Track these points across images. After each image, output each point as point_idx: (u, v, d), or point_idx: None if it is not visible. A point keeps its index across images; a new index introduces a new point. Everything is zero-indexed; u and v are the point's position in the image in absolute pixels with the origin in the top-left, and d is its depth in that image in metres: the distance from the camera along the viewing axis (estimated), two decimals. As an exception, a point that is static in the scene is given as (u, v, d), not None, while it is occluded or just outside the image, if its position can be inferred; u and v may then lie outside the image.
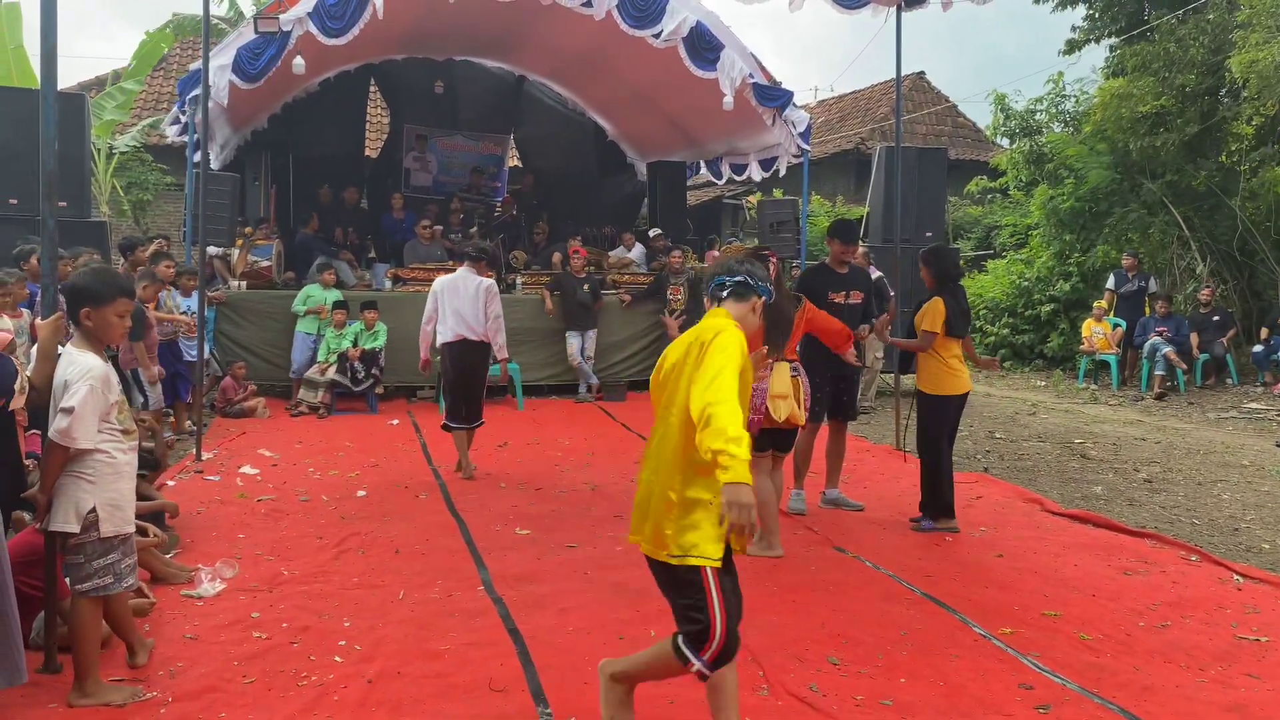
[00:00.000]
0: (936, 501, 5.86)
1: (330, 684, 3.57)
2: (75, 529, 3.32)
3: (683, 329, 11.12)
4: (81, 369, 3.29)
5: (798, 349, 5.52)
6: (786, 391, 5.21)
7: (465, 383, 7.27)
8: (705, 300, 3.26)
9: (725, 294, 3.20)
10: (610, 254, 13.32)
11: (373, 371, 10.03)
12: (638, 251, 13.40)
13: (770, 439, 5.32)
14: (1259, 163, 12.99)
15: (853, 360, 5.94)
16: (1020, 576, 4.97)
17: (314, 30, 9.26)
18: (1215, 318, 12.58)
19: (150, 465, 5.76)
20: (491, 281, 7.37)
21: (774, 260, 5.24)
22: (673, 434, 2.98)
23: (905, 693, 3.59)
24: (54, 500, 3.33)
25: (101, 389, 3.30)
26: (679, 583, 2.97)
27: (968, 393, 5.94)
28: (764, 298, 3.23)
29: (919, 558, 5.30)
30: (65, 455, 3.28)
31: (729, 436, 2.67)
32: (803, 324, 5.46)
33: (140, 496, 5.06)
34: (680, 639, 2.97)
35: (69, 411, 3.22)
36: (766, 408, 5.18)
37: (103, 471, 3.35)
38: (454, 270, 11.29)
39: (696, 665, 2.94)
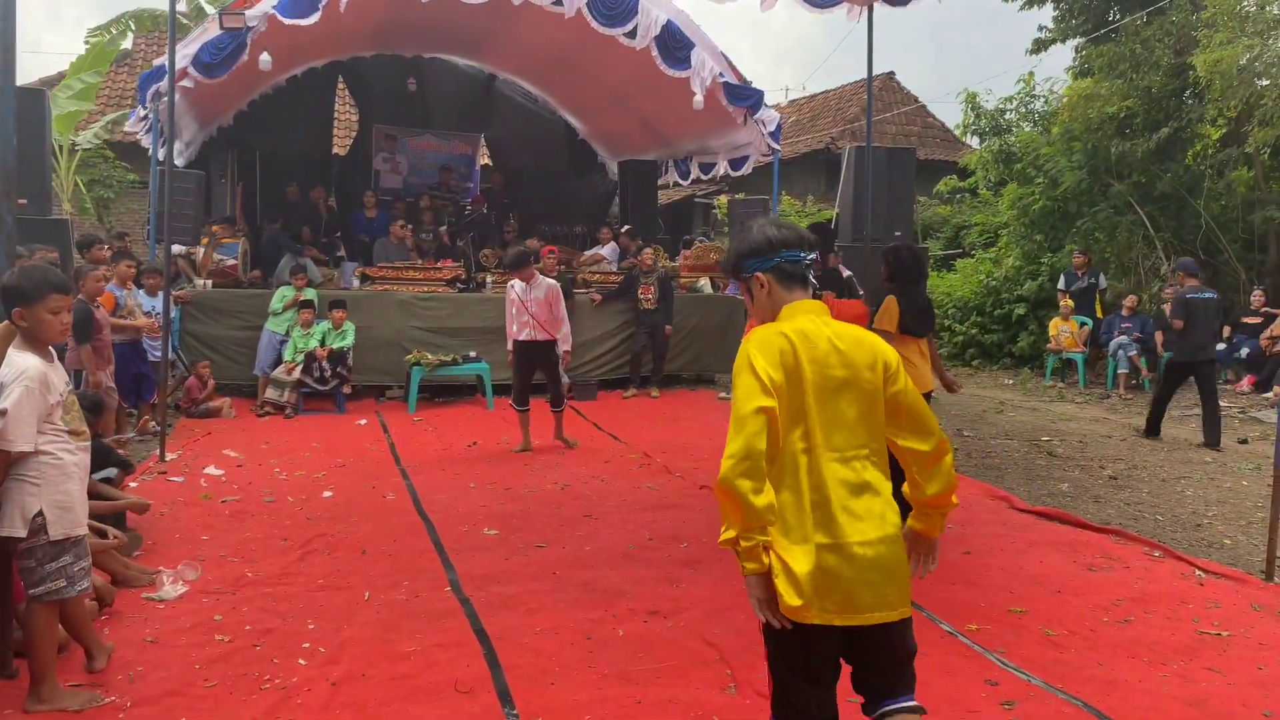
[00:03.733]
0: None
1: (293, 687, 3.53)
2: (22, 533, 3.24)
3: (652, 321, 11.19)
4: (16, 370, 3.20)
5: None
6: None
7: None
8: (791, 281, 2.50)
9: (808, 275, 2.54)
10: (584, 253, 13.30)
11: (339, 371, 9.93)
12: (610, 249, 13.37)
13: None
14: (1224, 164, 13.18)
15: None
16: (987, 573, 5.00)
17: (276, 12, 9.11)
18: (1179, 316, 12.74)
19: (122, 464, 5.66)
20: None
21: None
22: (884, 455, 2.48)
23: (872, 690, 3.59)
24: (1, 504, 3.26)
25: (38, 390, 3.22)
26: (909, 638, 2.46)
27: (929, 392, 5.95)
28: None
29: (887, 555, 5.31)
30: (6, 459, 3.20)
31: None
32: None
33: (101, 497, 4.99)
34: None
35: (1, 414, 3.15)
36: None
37: (48, 474, 3.28)
38: (423, 269, 11.35)
39: None
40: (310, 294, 10.34)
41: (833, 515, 2.32)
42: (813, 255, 2.53)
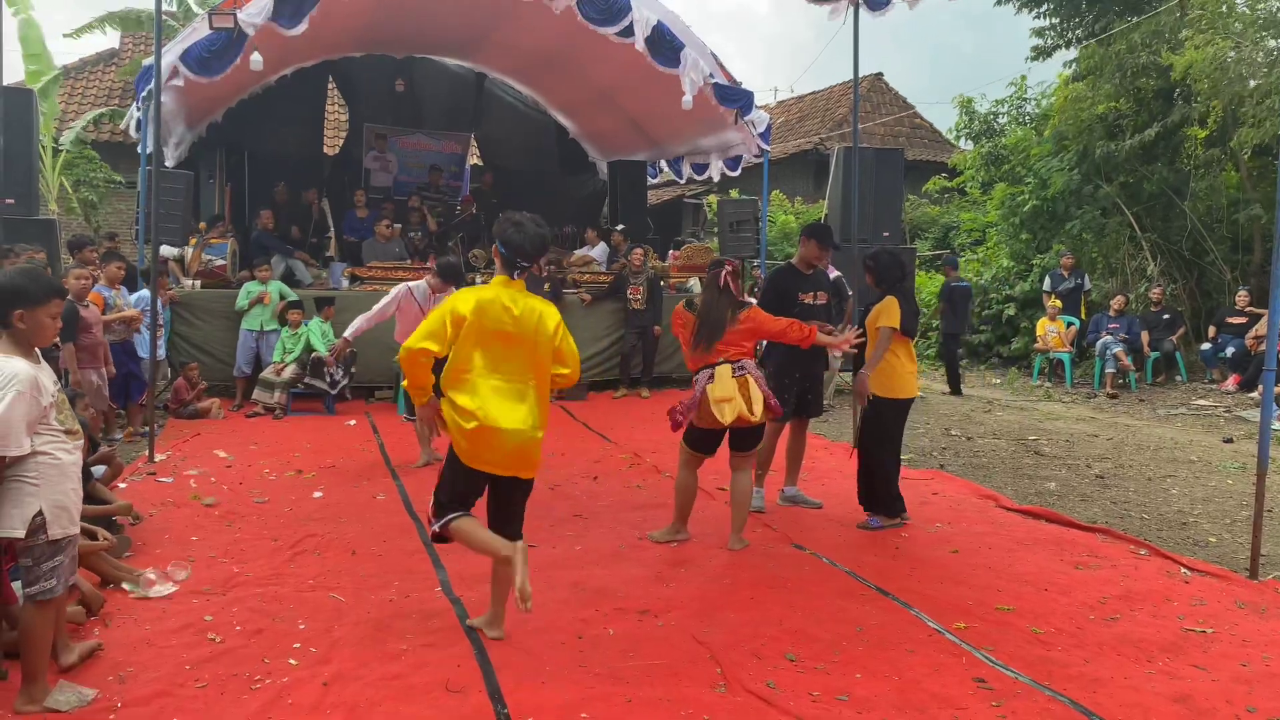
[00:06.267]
0: (876, 499, 5.90)
1: (285, 687, 3.53)
2: (21, 534, 3.24)
3: (641, 322, 11.19)
4: (6, 375, 3.18)
5: (755, 349, 5.52)
6: (730, 394, 5.10)
7: None
8: (514, 269, 3.93)
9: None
10: (574, 253, 13.30)
11: (351, 370, 9.95)
12: (599, 250, 13.38)
13: (724, 438, 5.34)
14: (1210, 164, 13.26)
15: (843, 345, 5.84)
16: (974, 572, 5.03)
17: (273, 22, 9.09)
18: (1165, 316, 12.85)
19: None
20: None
21: (728, 268, 5.30)
22: (543, 386, 3.96)
23: (861, 688, 3.62)
24: (0, 506, 3.26)
25: (30, 393, 3.20)
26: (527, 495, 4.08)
27: (914, 398, 5.97)
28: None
29: (875, 554, 5.35)
30: (1, 463, 3.19)
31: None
32: (747, 330, 5.31)
33: (92, 499, 4.99)
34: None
35: None
36: (703, 411, 5.15)
37: (47, 473, 3.27)
38: (413, 269, 11.32)
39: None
40: (275, 285, 10.29)
41: (493, 410, 3.78)
42: (528, 261, 3.93)
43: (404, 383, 4.06)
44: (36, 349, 3.38)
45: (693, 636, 4.05)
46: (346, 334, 7.58)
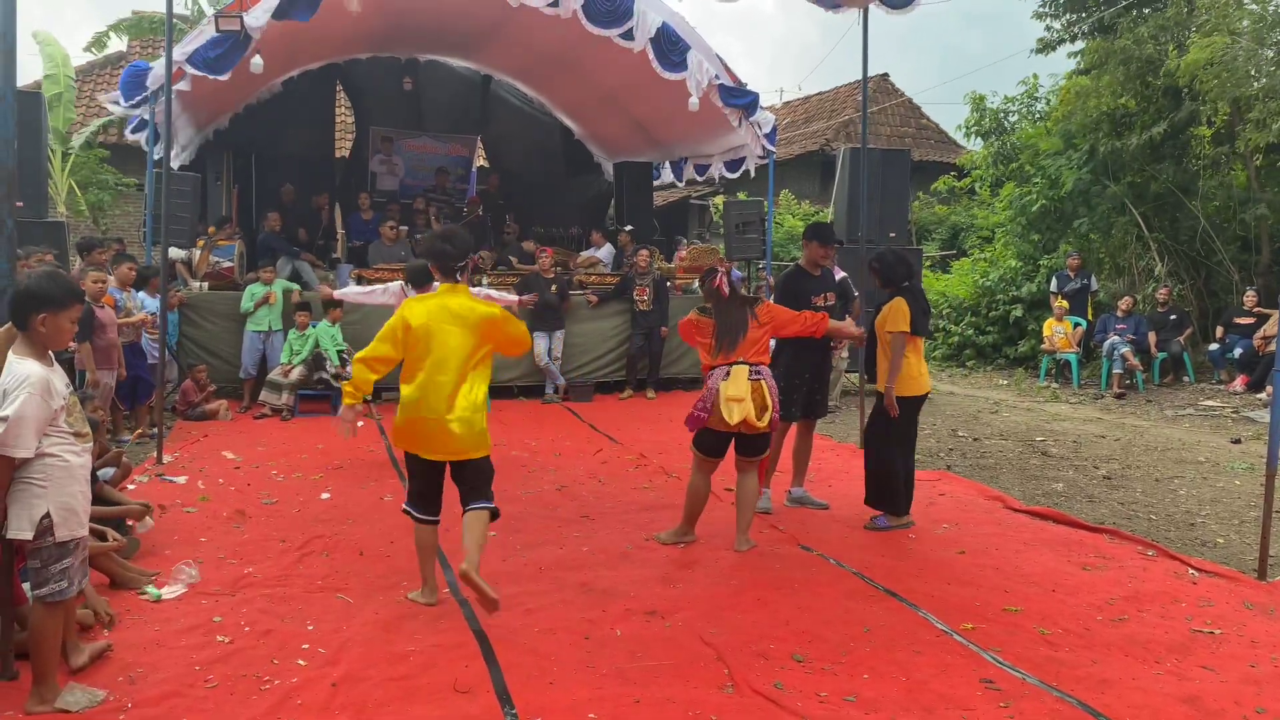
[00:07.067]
0: (888, 499, 5.89)
1: (294, 688, 3.54)
2: (29, 536, 3.27)
3: (648, 323, 11.20)
4: (18, 377, 3.21)
5: (770, 348, 5.53)
6: (742, 395, 5.10)
7: None
8: (450, 275, 4.42)
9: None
10: (580, 254, 13.31)
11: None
12: (605, 251, 13.39)
13: (732, 443, 5.33)
14: (1217, 161, 13.21)
15: (854, 333, 5.89)
16: (981, 573, 5.03)
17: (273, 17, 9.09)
18: (1172, 317, 12.81)
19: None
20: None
21: (722, 271, 5.33)
22: (484, 376, 4.40)
23: (868, 689, 3.63)
24: (8, 507, 3.28)
25: (41, 396, 3.22)
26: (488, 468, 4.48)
27: (927, 394, 5.97)
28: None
29: (882, 555, 5.35)
30: (10, 465, 3.22)
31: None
32: (768, 326, 5.39)
33: (101, 501, 5.01)
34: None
35: (4, 420, 3.15)
36: (714, 408, 5.16)
37: (55, 475, 3.30)
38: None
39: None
40: (280, 284, 10.30)
41: (435, 401, 4.24)
42: (460, 262, 4.48)
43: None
44: (50, 351, 3.41)
45: (700, 637, 4.06)
46: (337, 294, 7.68)
